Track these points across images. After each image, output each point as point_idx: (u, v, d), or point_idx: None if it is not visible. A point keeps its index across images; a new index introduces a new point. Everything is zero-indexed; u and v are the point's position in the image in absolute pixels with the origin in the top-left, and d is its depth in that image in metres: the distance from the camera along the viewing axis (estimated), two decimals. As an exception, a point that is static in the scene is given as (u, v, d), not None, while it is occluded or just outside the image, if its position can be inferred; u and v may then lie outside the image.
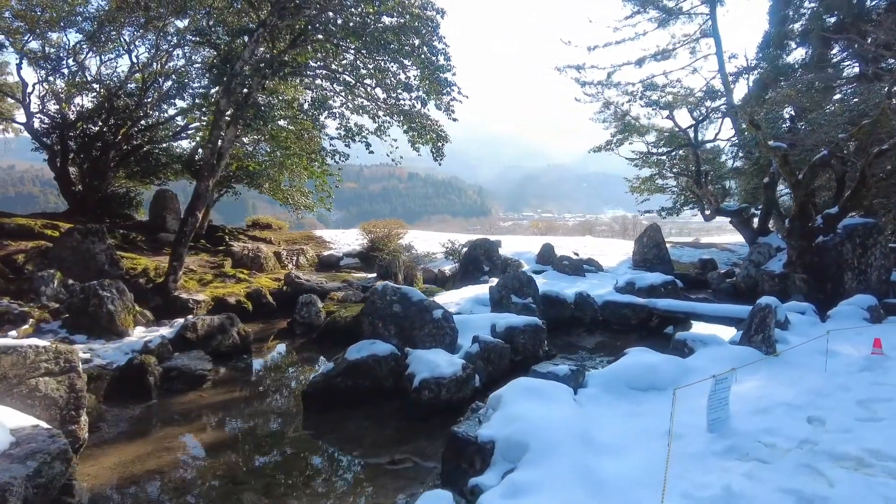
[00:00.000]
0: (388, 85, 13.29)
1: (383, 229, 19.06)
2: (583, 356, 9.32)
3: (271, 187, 19.47)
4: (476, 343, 7.15)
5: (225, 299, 12.42)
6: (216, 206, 21.05)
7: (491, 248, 15.13)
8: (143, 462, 5.38)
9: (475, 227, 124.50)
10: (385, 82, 13.25)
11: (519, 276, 9.51)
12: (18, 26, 17.93)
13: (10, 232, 12.13)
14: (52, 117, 19.03)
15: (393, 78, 13.59)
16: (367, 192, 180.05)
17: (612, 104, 17.59)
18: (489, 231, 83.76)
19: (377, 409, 6.62)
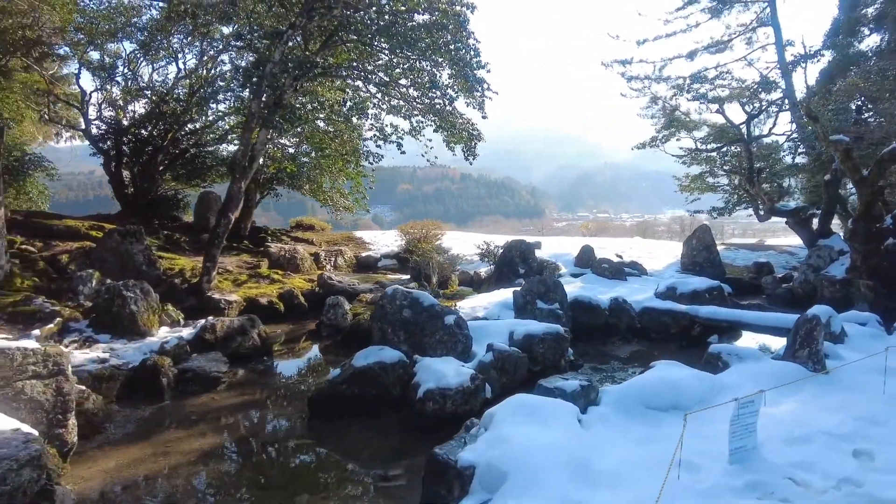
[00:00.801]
0: (420, 84, 13.03)
1: (420, 230, 18.85)
2: (614, 367, 8.74)
3: (312, 189, 19.65)
4: (490, 352, 6.75)
5: (257, 300, 12.51)
6: (275, 208, 21.40)
7: (527, 250, 14.62)
8: (139, 466, 5.31)
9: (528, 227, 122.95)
10: (417, 81, 13.00)
11: (545, 280, 9.01)
12: (80, 38, 18.85)
13: (58, 233, 12.65)
14: (108, 123, 19.93)
15: (425, 76, 13.33)
16: (421, 194, 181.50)
17: (660, 99, 16.68)
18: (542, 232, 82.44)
19: (382, 419, 6.33)
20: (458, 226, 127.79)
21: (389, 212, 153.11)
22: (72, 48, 19.22)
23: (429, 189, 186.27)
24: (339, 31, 12.87)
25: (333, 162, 16.06)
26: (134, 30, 19.36)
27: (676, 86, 16.45)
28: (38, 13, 18.05)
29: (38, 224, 12.69)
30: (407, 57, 13.34)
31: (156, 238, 16.05)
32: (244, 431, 6.23)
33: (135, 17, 19.28)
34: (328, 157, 15.91)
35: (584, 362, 8.70)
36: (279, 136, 14.58)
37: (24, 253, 11.20)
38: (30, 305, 8.54)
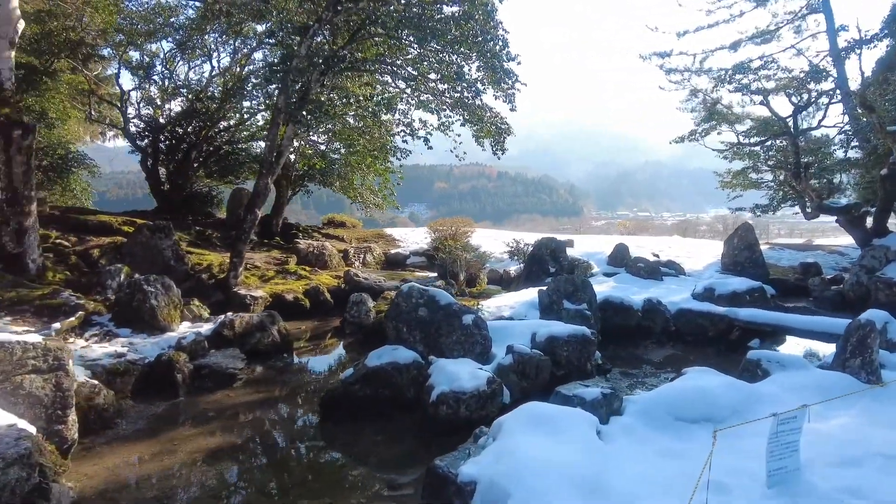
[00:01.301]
0: (448, 76, 12.71)
1: (449, 228, 18.55)
2: (645, 371, 8.25)
3: (342, 186, 19.61)
4: (509, 354, 6.40)
5: (283, 296, 12.46)
6: (314, 206, 21.44)
7: (557, 248, 14.14)
8: (144, 464, 5.20)
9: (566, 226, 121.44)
10: (445, 74, 12.69)
11: (572, 280, 8.58)
12: (120, 39, 19.30)
13: (92, 228, 12.90)
14: (146, 121, 20.38)
15: (454, 69, 13.02)
16: (457, 192, 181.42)
17: (701, 91, 15.87)
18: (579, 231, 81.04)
19: (395, 422, 6.07)
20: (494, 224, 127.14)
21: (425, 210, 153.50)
22: (113, 49, 19.71)
23: (465, 187, 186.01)
24: (367, 25, 12.68)
25: (362, 158, 15.93)
26: (171, 29, 19.70)
27: (718, 77, 15.60)
28: (82, 15, 18.59)
29: (73, 219, 12.97)
30: (435, 50, 13.08)
31: (187, 234, 16.27)
32: (254, 431, 6.06)
33: (172, 17, 19.63)
34: (356, 153, 15.79)
35: (613, 367, 8.25)
36: (306, 131, 14.51)
37: (58, 247, 11.44)
38: (56, 299, 8.64)
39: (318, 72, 12.62)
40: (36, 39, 16.09)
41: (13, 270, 9.59)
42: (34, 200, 9.79)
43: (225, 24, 19.12)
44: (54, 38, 16.34)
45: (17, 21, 9.50)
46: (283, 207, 19.68)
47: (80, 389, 5.83)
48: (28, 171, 9.56)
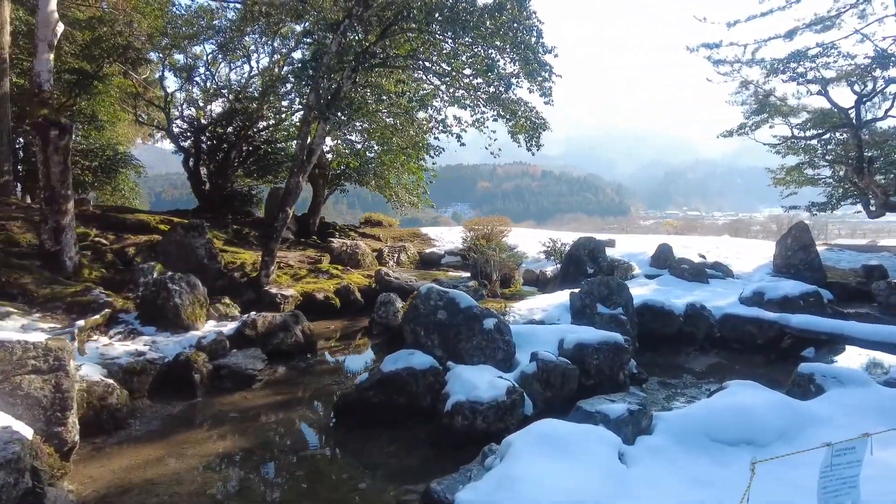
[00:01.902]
0: (481, 70, 12.31)
1: (486, 227, 18.14)
2: (686, 382, 7.66)
3: (378, 184, 19.50)
4: (533, 361, 5.98)
5: (313, 295, 12.38)
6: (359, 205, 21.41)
7: (596, 248, 13.53)
8: (150, 467, 5.06)
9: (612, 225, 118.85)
10: (478, 68, 12.30)
11: (607, 282, 8.06)
12: (166, 43, 19.79)
13: (130, 226, 13.16)
14: (189, 122, 20.86)
15: (488, 63, 12.62)
16: (500, 191, 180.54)
17: (752, 83, 14.88)
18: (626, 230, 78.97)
19: (410, 432, 5.75)
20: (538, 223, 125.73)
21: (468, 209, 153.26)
22: (159, 52, 20.25)
23: (508, 186, 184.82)
24: (398, 21, 12.44)
25: (395, 156, 15.74)
26: (213, 32, 20.07)
27: (771, 67, 14.58)
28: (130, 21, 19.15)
29: (112, 218, 13.27)
30: (469, 44, 12.71)
31: (224, 232, 16.47)
32: (265, 436, 5.87)
33: (214, 19, 20.01)
34: (390, 151, 15.61)
35: (650, 376, 7.70)
36: (338, 129, 14.41)
37: (96, 245, 11.68)
38: (86, 296, 8.75)
39: (350, 69, 12.47)
40: (87, 45, 16.61)
41: (51, 268, 9.81)
42: (71, 199, 9.98)
43: (264, 24, 19.38)
44: (104, 44, 16.83)
45: (55, 24, 9.69)
46: (319, 206, 19.74)
47: (93, 388, 5.79)
48: (65, 170, 9.74)
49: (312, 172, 19.43)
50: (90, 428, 5.66)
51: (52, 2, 9.57)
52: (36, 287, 8.83)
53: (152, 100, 20.96)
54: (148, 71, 21.51)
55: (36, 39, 9.69)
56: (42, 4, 9.57)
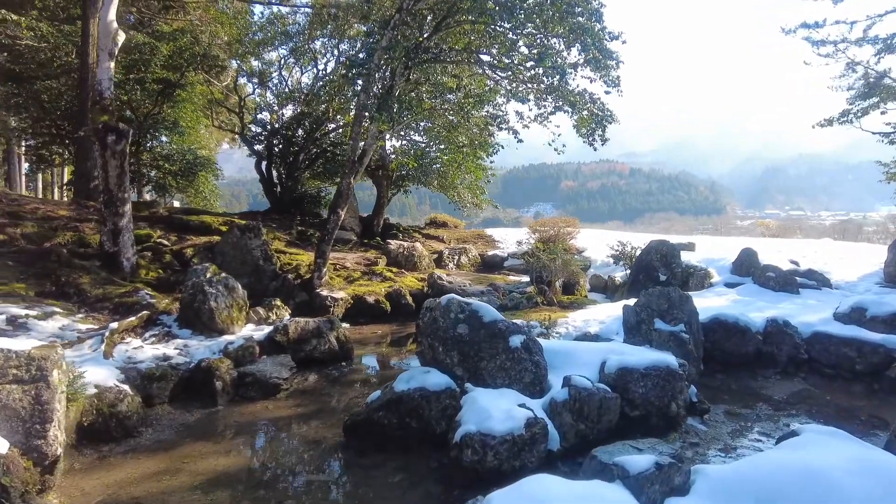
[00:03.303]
0: (544, 61, 11.45)
1: (552, 228, 17.18)
2: (759, 413, 6.50)
3: (441, 184, 19.08)
4: (565, 387, 5.18)
5: (364, 298, 12.13)
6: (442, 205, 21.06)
7: (670, 253, 12.27)
8: (142, 483, 4.82)
9: (705, 225, 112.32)
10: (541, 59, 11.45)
11: (667, 293, 7.01)
12: (243, 51, 20.52)
13: (192, 228, 13.54)
14: (262, 126, 21.51)
15: (551, 54, 11.74)
16: (585, 190, 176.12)
17: (860, 64, 12.87)
18: (719, 231, 73.94)
19: (421, 460, 5.15)
20: (625, 223, 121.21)
21: (551, 209, 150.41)
22: (235, 59, 21.03)
23: (594, 185, 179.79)
24: (453, 13, 11.87)
25: (454, 155, 15.20)
26: (285, 37, 20.55)
27: (887, 44, 12.52)
28: (209, 31, 19.99)
29: (177, 220, 13.71)
30: (530, 34, 11.89)
31: (288, 234, 16.69)
32: (269, 454, 5.50)
33: (288, 25, 20.48)
34: (447, 150, 15.08)
35: (716, 404, 6.62)
36: (391, 129, 14.09)
37: (157, 246, 12.06)
38: (132, 297, 8.92)
39: (402, 66, 12.07)
40: (170, 55, 17.46)
41: (109, 268, 10.15)
42: (128, 202, 10.29)
43: (332, 28, 19.55)
44: (185, 53, 17.60)
45: (115, 34, 10.00)
46: (383, 208, 19.63)
47: (104, 395, 5.69)
48: (122, 174, 10.05)
49: (376, 174, 19.39)
50: (99, 435, 5.57)
51: (111, 12, 9.87)
52: (90, 287, 9.11)
53: (228, 105, 21.82)
54: (228, 78, 22.43)
55: (97, 49, 10.05)
56: (102, 15, 9.90)
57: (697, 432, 5.78)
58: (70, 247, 10.78)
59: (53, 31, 15.33)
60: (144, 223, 13.24)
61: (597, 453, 3.74)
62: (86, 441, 5.50)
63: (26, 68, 16.26)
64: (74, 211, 12.92)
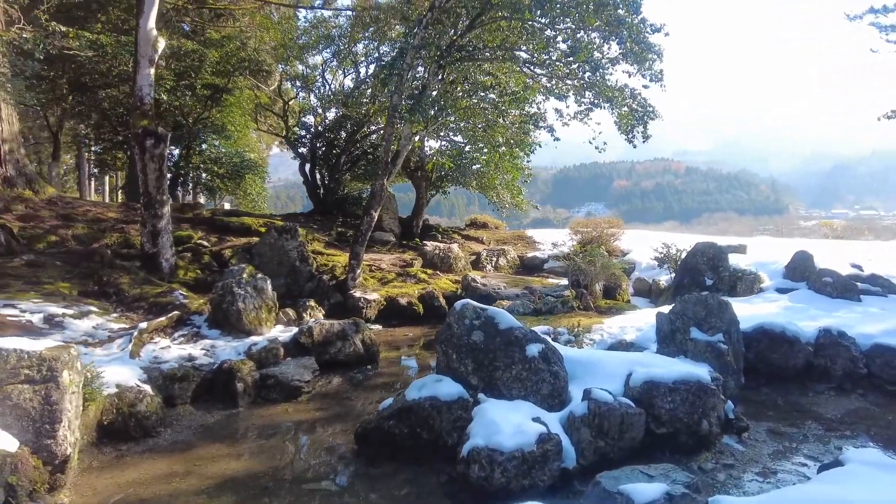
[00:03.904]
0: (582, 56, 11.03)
1: (594, 229, 16.64)
2: (808, 433, 5.95)
3: (480, 185, 18.82)
4: (585, 401, 4.86)
5: (396, 300, 12.07)
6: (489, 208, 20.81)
7: (717, 256, 11.60)
8: (151, 485, 4.84)
9: (766, 226, 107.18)
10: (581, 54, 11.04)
11: (704, 300, 6.52)
12: (287, 55, 20.92)
13: (233, 229, 13.84)
14: (306, 129, 21.87)
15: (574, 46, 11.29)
16: (639, 189, 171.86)
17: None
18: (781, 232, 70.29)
19: (430, 473, 4.94)
20: (681, 224, 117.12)
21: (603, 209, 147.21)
22: (280, 63, 21.47)
23: (648, 184, 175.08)
24: (488, 10, 11.61)
25: (490, 155, 14.92)
26: (328, 41, 20.80)
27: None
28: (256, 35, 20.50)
29: (219, 221, 14.04)
30: (569, 31, 11.49)
31: (328, 235, 16.84)
32: (281, 459, 5.43)
33: (331, 29, 20.73)
34: (482, 150, 14.83)
35: (759, 421, 6.11)
36: (425, 129, 13.95)
37: (197, 247, 12.37)
38: (167, 297, 9.13)
39: (436, 65, 11.92)
40: (217, 62, 17.98)
41: (149, 269, 10.46)
42: (166, 204, 10.56)
43: (374, 31, 19.64)
44: (232, 59, 18.09)
45: (154, 41, 10.29)
46: (422, 209, 19.55)
47: (124, 394, 5.78)
48: (160, 176, 10.33)
49: (415, 175, 19.34)
50: (118, 434, 5.66)
51: (150, 21, 10.16)
52: (129, 287, 9.39)
53: (273, 109, 22.30)
54: (275, 83, 22.97)
55: (138, 56, 10.37)
56: (142, 24, 10.20)
57: (733, 452, 5.32)
58: (114, 248, 11.20)
59: (112, 42, 16.06)
60: (187, 224, 13.64)
61: (601, 479, 3.42)
62: (106, 440, 5.60)
63: (91, 79, 17.16)
64: (123, 213, 13.44)
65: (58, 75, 19.45)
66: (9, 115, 12.51)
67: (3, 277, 8.71)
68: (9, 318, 6.94)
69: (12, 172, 12.47)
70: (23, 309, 7.28)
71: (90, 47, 15.58)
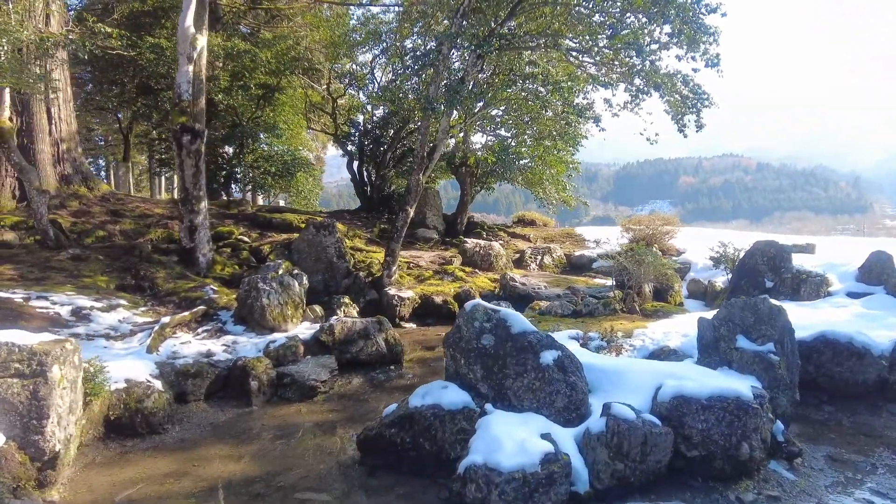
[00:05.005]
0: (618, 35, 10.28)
1: (647, 227, 15.71)
2: (878, 461, 5.16)
3: (526, 180, 18.19)
4: (604, 416, 4.32)
5: (431, 298, 11.75)
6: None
7: (778, 255, 10.60)
8: (149, 483, 4.71)
9: (846, 225, 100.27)
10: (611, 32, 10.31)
11: (754, 305, 5.77)
12: (337, 53, 21.04)
13: (275, 225, 13.94)
14: (354, 126, 21.92)
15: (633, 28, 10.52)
16: (706, 187, 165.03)
17: None
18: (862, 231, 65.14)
19: (432, 489, 4.55)
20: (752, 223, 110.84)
21: (668, 206, 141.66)
22: (330, 61, 21.61)
23: (716, 181, 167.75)
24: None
25: (533, 149, 14.31)
26: (376, 38, 20.73)
27: None
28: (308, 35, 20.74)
29: (262, 218, 14.18)
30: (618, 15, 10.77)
31: (370, 231, 16.75)
32: (281, 464, 5.18)
33: (381, 25, 20.66)
34: (527, 143, 14.23)
35: (813, 446, 5.35)
36: (464, 122, 13.50)
37: (237, 243, 12.51)
38: (197, 292, 9.18)
39: (474, 55, 11.49)
40: (268, 61, 18.30)
41: (186, 264, 10.61)
42: (203, 199, 10.67)
43: (421, 24, 19.37)
44: (283, 58, 18.36)
45: (192, 39, 10.39)
46: (466, 205, 19.13)
47: (132, 390, 5.72)
48: (197, 172, 10.44)
49: (459, 171, 18.94)
50: (124, 430, 5.62)
51: (188, 19, 10.26)
52: (163, 282, 9.53)
53: (326, 108, 22.48)
54: (325, 83, 23.20)
55: (177, 54, 10.52)
56: (181, 21, 10.34)
57: (781, 481, 4.62)
58: (156, 242, 11.45)
59: (171, 46, 16.64)
60: (231, 220, 13.86)
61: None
62: (113, 435, 5.56)
63: (155, 82, 17.95)
64: (169, 209, 13.80)
65: (128, 79, 20.49)
66: (67, 115, 13.07)
67: (46, 270, 9.02)
68: (38, 310, 7.10)
69: (70, 170, 13.04)
70: (54, 301, 7.45)
71: (152, 51, 16.18)
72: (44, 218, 9.93)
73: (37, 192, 9.76)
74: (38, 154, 11.95)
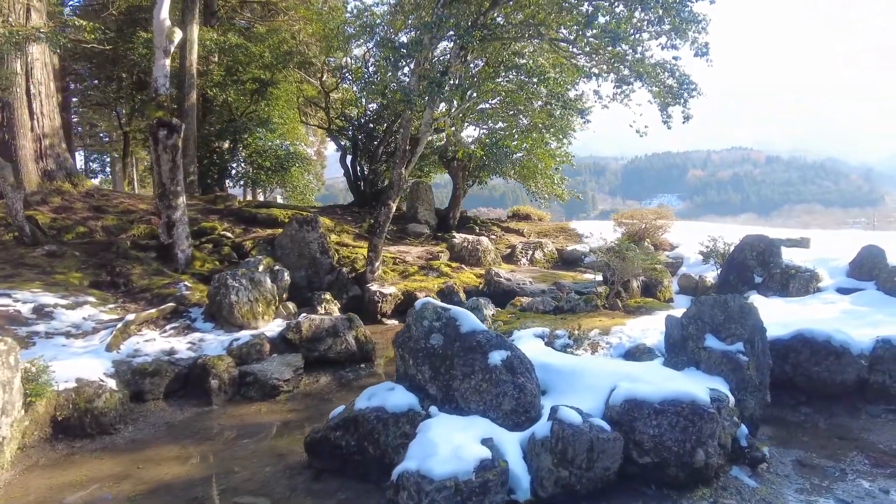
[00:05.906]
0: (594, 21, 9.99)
1: (640, 221, 15.42)
2: (850, 467, 4.93)
3: (520, 174, 17.91)
4: (550, 420, 4.12)
5: (414, 294, 11.52)
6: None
7: (768, 250, 10.33)
8: (86, 486, 4.60)
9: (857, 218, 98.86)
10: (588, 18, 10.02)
11: (724, 303, 5.53)
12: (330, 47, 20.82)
13: (260, 221, 13.78)
14: (347, 120, 21.71)
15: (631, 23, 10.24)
16: (715, 180, 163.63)
17: None
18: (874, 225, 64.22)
19: (374, 493, 4.38)
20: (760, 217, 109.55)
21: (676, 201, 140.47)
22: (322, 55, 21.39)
23: (725, 175, 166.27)
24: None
25: (520, 142, 14.05)
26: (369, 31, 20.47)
27: None
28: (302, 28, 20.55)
29: (247, 213, 14.03)
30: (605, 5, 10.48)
31: (359, 227, 16.57)
32: (226, 467, 5.02)
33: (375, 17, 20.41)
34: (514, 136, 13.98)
35: (783, 450, 5.13)
36: (448, 115, 13.26)
37: (219, 238, 12.36)
38: (170, 289, 9.05)
39: (458, 46, 11.26)
40: (263, 55, 18.13)
41: (164, 260, 10.49)
42: (181, 195, 10.53)
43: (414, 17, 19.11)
44: (275, 52, 18.20)
45: (169, 32, 10.23)
46: (459, 200, 18.90)
47: (82, 389, 5.60)
48: (174, 168, 10.29)
49: (451, 165, 18.70)
50: (74, 430, 5.50)
51: (163, 10, 10.10)
52: (138, 278, 9.41)
53: (320, 102, 22.28)
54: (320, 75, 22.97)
55: (153, 47, 10.36)
56: (155, 13, 10.17)
57: (741, 489, 4.40)
58: (136, 239, 11.33)
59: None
60: (216, 216, 13.71)
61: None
62: (61, 436, 5.44)
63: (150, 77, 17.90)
64: (153, 205, 13.67)
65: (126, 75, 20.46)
66: (50, 110, 12.96)
67: (19, 267, 8.92)
68: (-3, 308, 6.99)
69: (52, 166, 12.94)
70: (16, 298, 7.34)
71: (145, 46, 16.06)
72: (19, 214, 9.83)
73: (11, 188, 9.66)
74: (19, 150, 11.84)
